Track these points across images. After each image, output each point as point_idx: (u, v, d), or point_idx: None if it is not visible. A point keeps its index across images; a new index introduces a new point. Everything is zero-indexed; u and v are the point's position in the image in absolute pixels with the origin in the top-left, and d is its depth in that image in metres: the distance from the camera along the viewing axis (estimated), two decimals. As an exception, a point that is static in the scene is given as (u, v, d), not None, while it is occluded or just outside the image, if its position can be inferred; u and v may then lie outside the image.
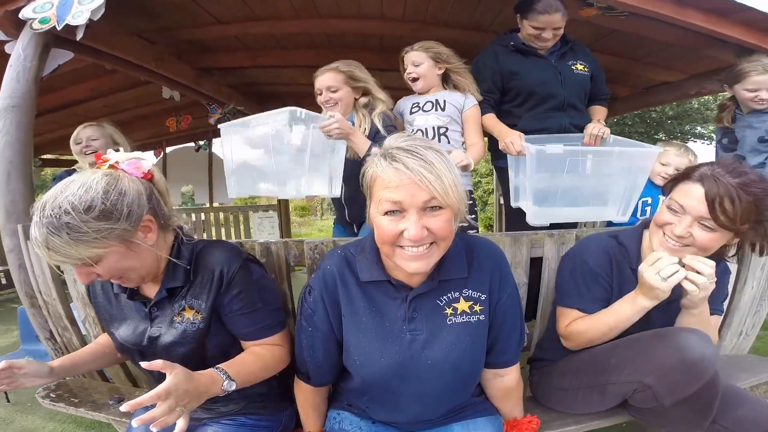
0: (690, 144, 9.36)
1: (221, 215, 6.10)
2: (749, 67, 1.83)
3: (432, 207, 0.82)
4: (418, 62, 1.85)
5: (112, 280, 0.94)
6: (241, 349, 1.07)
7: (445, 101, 1.84)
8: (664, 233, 1.07)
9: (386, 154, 0.84)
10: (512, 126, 1.98)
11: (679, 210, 1.04)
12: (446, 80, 1.92)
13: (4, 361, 0.94)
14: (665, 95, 3.26)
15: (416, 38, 2.70)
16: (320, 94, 1.78)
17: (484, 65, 1.97)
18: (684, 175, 1.08)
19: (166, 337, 1.00)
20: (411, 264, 0.85)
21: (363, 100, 1.79)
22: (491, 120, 1.91)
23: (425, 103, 1.86)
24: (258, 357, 1.03)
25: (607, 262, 1.17)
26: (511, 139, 1.71)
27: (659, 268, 0.99)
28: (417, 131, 1.84)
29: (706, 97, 5.59)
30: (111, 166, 0.95)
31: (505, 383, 1.09)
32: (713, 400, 1.02)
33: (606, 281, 1.17)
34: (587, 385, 1.15)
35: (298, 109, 1.42)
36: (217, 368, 0.92)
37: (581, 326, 1.15)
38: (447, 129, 1.83)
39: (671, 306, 1.15)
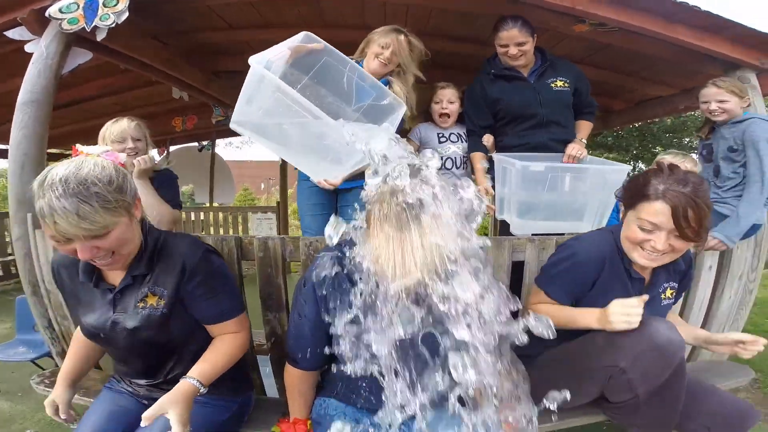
0: (686, 158, 9.40)
1: (221, 215, 6.19)
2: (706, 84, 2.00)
3: None
4: (453, 100, 2.14)
5: (101, 262, 1.02)
6: (204, 334, 1.16)
7: (463, 135, 2.19)
8: (643, 248, 1.15)
9: (386, 214, 0.89)
10: (499, 142, 2.18)
11: (653, 228, 1.11)
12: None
13: (63, 416, 1.15)
14: (657, 109, 3.37)
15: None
16: (382, 49, 1.83)
17: (476, 98, 2.13)
18: (642, 195, 1.13)
19: (129, 323, 1.08)
20: None
21: (410, 78, 1.87)
22: (476, 161, 2.12)
23: (450, 135, 2.18)
24: (224, 354, 1.12)
25: (599, 262, 1.22)
26: (478, 189, 1.97)
27: (629, 317, 1.08)
28: (447, 159, 2.15)
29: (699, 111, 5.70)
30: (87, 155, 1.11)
31: None
32: (680, 390, 1.10)
33: (587, 279, 1.24)
34: (567, 374, 1.22)
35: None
36: (190, 378, 1.03)
37: (543, 311, 1.21)
38: (467, 158, 2.18)
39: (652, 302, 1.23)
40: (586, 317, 1.18)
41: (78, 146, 1.09)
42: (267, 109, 1.39)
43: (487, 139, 2.15)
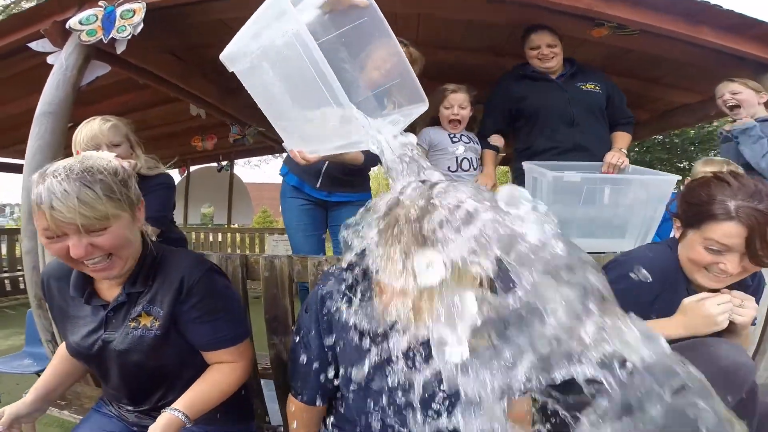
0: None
1: (238, 236, 6.22)
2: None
3: None
4: (465, 105, 2.05)
5: (95, 266, 0.92)
6: (200, 360, 1.05)
7: (474, 138, 2.13)
8: (709, 270, 1.02)
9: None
10: (526, 149, 2.09)
11: (723, 249, 0.98)
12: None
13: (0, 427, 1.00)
14: (686, 117, 3.22)
15: (430, 62, 2.80)
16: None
17: (495, 100, 2.15)
18: (708, 214, 0.99)
19: (119, 344, 0.99)
20: None
21: None
22: (488, 158, 2.11)
23: (461, 136, 2.09)
24: (216, 386, 1.02)
25: (659, 280, 1.07)
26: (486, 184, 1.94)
27: (724, 310, 0.98)
28: (463, 159, 2.05)
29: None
30: None
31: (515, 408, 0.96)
32: (751, 418, 0.94)
33: (648, 299, 1.09)
34: None
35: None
36: (174, 410, 0.93)
37: None
38: (479, 160, 2.14)
39: None
40: (663, 327, 1.01)
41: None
42: (268, 56, 1.08)
43: (497, 139, 2.13)
